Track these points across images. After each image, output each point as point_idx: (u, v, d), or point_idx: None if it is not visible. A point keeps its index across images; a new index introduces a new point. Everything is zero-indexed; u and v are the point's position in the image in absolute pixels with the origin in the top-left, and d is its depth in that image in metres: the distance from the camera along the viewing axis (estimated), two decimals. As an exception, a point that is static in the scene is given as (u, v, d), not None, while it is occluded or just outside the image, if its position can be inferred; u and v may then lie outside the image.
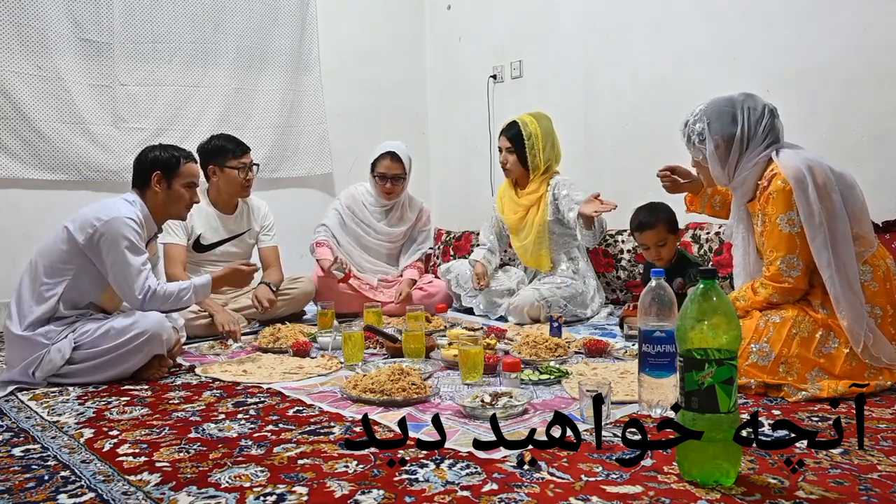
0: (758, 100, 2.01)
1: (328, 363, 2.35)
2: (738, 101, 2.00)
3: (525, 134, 3.17)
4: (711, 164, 2.03)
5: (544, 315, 3.02)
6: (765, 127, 1.97)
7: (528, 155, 3.18)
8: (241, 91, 4.07)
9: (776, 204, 1.90)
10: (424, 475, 1.34)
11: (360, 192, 3.59)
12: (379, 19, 4.62)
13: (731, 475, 1.26)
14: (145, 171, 2.34)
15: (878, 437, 1.49)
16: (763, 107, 1.99)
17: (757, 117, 1.98)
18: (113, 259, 2.19)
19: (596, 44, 3.77)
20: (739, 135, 1.98)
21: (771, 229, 1.92)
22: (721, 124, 1.99)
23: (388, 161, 3.41)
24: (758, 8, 3.10)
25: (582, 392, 1.64)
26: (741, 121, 1.98)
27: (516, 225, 3.32)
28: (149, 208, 2.34)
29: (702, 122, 2.02)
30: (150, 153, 2.36)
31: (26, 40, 3.44)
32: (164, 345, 2.23)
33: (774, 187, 1.90)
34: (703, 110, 2.03)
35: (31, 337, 2.15)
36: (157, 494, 1.28)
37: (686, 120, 2.08)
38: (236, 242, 3.23)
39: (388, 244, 3.59)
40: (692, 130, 2.04)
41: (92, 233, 2.18)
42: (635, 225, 2.79)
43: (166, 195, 2.35)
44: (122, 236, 2.19)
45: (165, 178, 2.34)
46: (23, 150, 3.47)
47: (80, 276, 2.21)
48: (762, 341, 1.87)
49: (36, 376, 2.13)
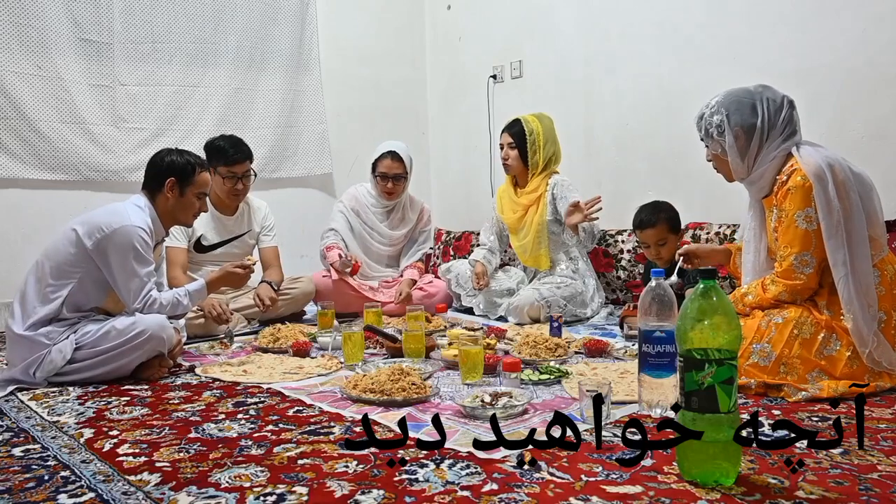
0: (776, 91, 1.99)
1: (328, 363, 2.35)
2: (756, 92, 1.98)
3: (527, 130, 3.21)
4: (731, 156, 1.99)
5: (544, 315, 3.02)
6: (784, 118, 1.96)
7: (528, 151, 3.21)
8: (241, 91, 4.07)
9: (794, 200, 1.88)
10: (424, 475, 1.34)
11: (362, 194, 3.58)
12: (379, 19, 4.62)
13: (731, 475, 1.26)
14: (160, 175, 2.32)
15: (878, 437, 1.49)
16: (782, 98, 1.98)
17: (776, 107, 1.96)
18: (119, 266, 2.19)
19: (596, 44, 3.77)
20: (760, 125, 1.95)
21: (787, 225, 1.91)
22: (741, 115, 1.97)
23: (390, 160, 3.41)
24: (758, 8, 3.10)
25: (582, 392, 1.64)
26: (761, 111, 1.95)
27: (515, 224, 3.33)
28: (158, 213, 2.33)
29: (720, 113, 1.98)
30: (167, 157, 2.33)
31: (26, 40, 3.44)
32: (165, 343, 2.23)
33: (794, 183, 1.88)
34: (720, 102, 2.00)
35: (32, 337, 2.15)
36: (157, 494, 1.28)
37: (702, 113, 2.04)
38: (237, 243, 3.23)
39: (390, 247, 3.59)
40: (709, 123, 2.01)
41: (101, 238, 2.17)
42: (636, 223, 2.79)
43: (177, 202, 2.34)
44: (130, 246, 2.18)
45: (179, 186, 2.32)
46: (23, 150, 3.47)
47: (86, 280, 2.21)
48: (764, 341, 1.87)
49: (36, 376, 2.13)
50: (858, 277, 1.84)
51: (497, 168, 4.30)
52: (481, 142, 4.42)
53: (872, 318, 1.83)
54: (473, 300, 3.38)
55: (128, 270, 2.20)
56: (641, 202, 2.87)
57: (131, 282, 2.20)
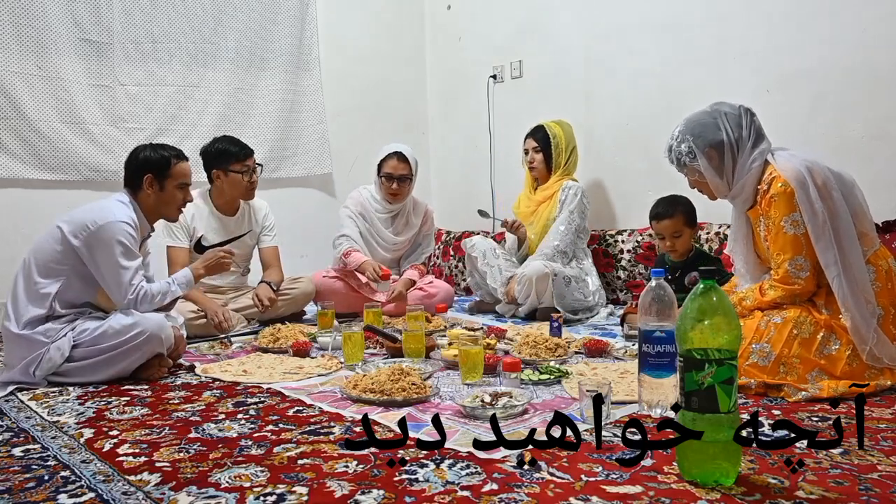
0: (731, 104, 2.02)
1: (328, 363, 2.35)
2: (713, 111, 2.01)
3: (551, 135, 3.42)
4: (710, 178, 2.02)
5: (550, 291, 3.07)
6: (747, 125, 1.99)
7: (552, 154, 3.42)
8: (241, 91, 4.07)
9: (779, 206, 1.91)
10: (424, 475, 1.34)
11: (367, 198, 3.54)
12: (379, 19, 4.62)
13: (731, 475, 1.26)
14: (137, 172, 2.32)
15: (878, 437, 1.49)
16: (738, 108, 2.01)
17: (736, 119, 1.99)
18: (106, 262, 2.19)
19: (596, 44, 3.77)
20: (727, 140, 1.98)
21: (776, 232, 1.93)
22: (706, 136, 1.99)
23: (395, 161, 3.40)
24: (758, 8, 3.10)
25: (582, 392, 1.64)
26: (723, 126, 1.98)
27: (528, 217, 3.48)
28: (141, 209, 2.33)
29: (685, 141, 2.01)
30: (142, 153, 2.33)
31: (26, 40, 3.44)
32: (164, 343, 2.23)
33: (775, 190, 1.91)
34: (683, 130, 2.03)
35: (30, 336, 2.15)
36: (157, 494, 1.28)
37: (669, 146, 2.07)
38: (237, 244, 3.23)
39: (394, 252, 3.58)
40: (679, 153, 2.03)
41: (86, 235, 2.17)
42: (653, 214, 2.82)
43: (158, 197, 2.34)
44: (116, 241, 2.19)
45: (157, 180, 2.32)
46: (23, 150, 3.47)
47: (74, 277, 2.21)
48: (763, 341, 1.87)
49: (36, 375, 2.13)
50: (852, 275, 1.85)
51: (497, 168, 4.31)
52: (481, 142, 4.42)
53: (871, 314, 1.84)
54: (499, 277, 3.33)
55: (115, 266, 2.19)
56: (641, 202, 2.87)
57: (120, 277, 2.20)
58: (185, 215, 3.06)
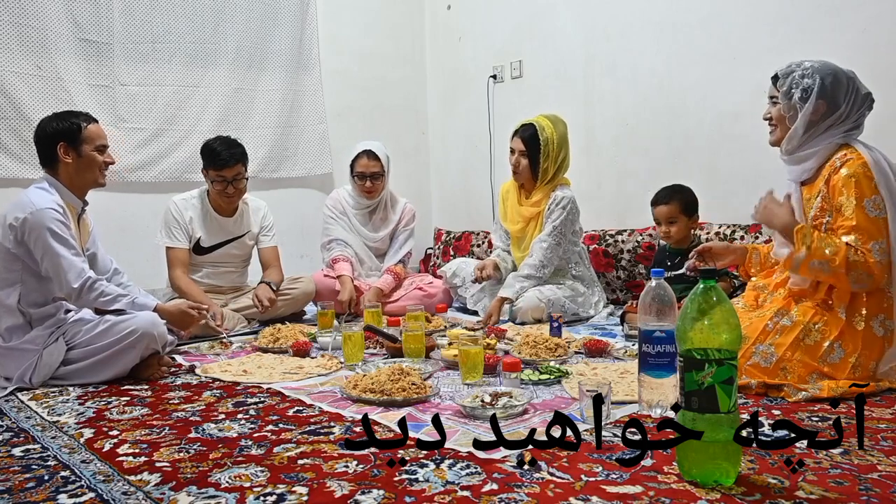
0: (862, 84, 1.96)
1: (328, 363, 2.35)
2: (852, 77, 1.93)
3: (542, 139, 3.07)
4: (799, 124, 1.92)
5: (546, 315, 3.02)
6: (860, 113, 1.94)
7: (540, 159, 3.09)
8: (240, 91, 4.06)
9: (860, 187, 1.84)
10: (424, 475, 1.34)
11: (343, 198, 3.59)
12: (379, 19, 4.62)
13: (731, 475, 1.26)
14: (49, 145, 2.26)
15: (878, 437, 1.49)
16: (867, 93, 1.95)
17: (861, 100, 1.94)
18: (42, 252, 2.15)
19: (596, 44, 3.77)
20: (844, 109, 1.91)
21: (857, 213, 1.83)
22: (833, 92, 1.91)
23: (366, 160, 3.42)
24: (758, 8, 3.10)
25: (582, 392, 1.64)
26: (849, 97, 1.91)
27: (517, 235, 3.28)
28: (64, 184, 2.28)
29: (812, 79, 1.91)
30: (49, 126, 2.27)
31: (26, 40, 3.44)
32: (158, 340, 2.23)
33: (855, 171, 1.85)
34: (817, 69, 1.91)
35: (18, 346, 2.15)
36: (157, 494, 1.28)
37: (791, 70, 1.95)
38: (236, 244, 3.23)
39: (377, 249, 3.59)
40: (796, 83, 1.92)
41: (14, 234, 2.16)
42: (652, 199, 2.86)
43: (77, 164, 2.27)
44: (44, 227, 2.14)
45: (73, 147, 2.26)
46: (23, 150, 3.46)
47: (29, 277, 2.19)
48: (767, 343, 1.86)
49: (34, 382, 2.13)
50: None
51: (497, 168, 4.31)
52: (481, 142, 4.42)
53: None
54: (479, 304, 3.31)
55: (52, 254, 2.15)
56: (641, 202, 2.88)
57: (59, 263, 2.16)
58: (183, 216, 3.08)
